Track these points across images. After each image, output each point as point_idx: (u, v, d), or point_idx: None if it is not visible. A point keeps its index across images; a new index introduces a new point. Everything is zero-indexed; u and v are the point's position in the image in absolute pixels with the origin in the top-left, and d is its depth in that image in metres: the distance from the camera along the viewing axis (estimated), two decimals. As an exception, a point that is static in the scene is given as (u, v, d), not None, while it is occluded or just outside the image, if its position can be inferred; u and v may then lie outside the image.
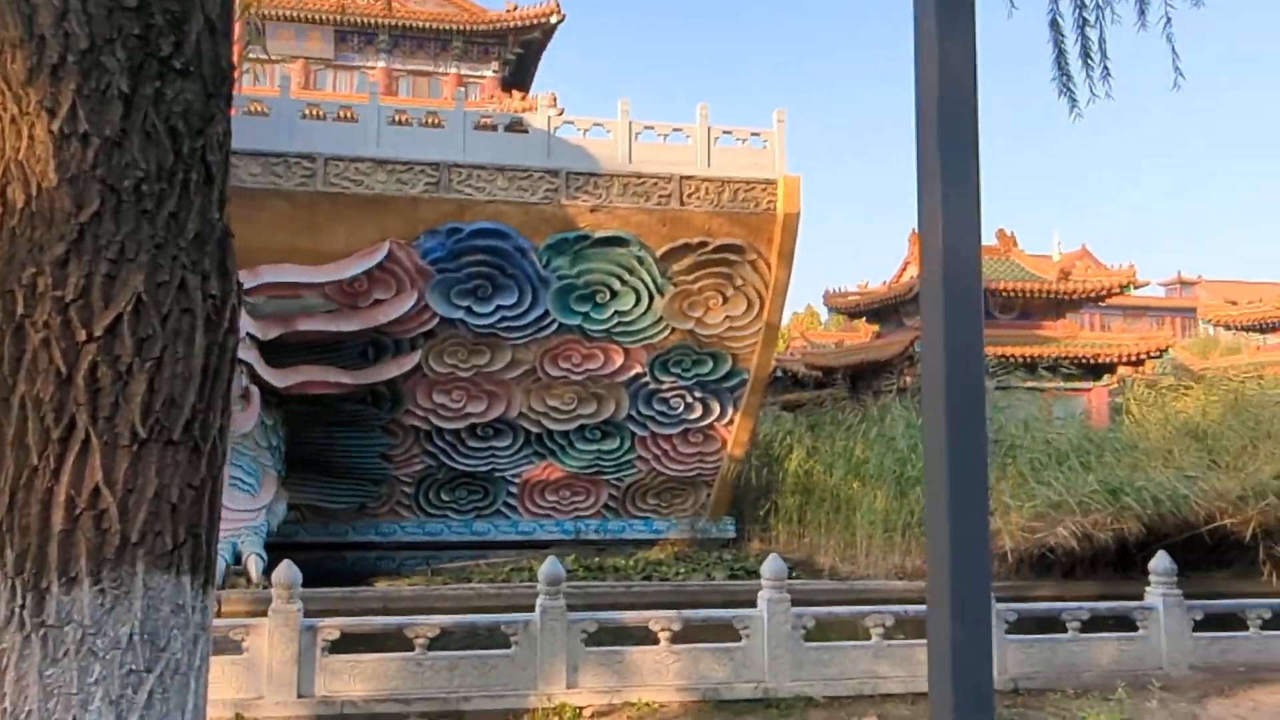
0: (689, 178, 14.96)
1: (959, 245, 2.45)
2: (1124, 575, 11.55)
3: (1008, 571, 12.24)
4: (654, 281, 15.08)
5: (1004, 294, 19.58)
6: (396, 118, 15.11)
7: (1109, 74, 6.03)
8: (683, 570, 14.04)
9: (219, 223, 2.33)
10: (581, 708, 6.70)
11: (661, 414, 16.02)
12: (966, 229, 2.48)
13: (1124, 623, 7.74)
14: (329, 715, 6.57)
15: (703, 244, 15.03)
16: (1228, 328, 29.26)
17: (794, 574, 14.04)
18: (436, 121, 15.16)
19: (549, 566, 7.06)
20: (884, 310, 21.31)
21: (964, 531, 2.32)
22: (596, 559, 14.94)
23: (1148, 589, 7.83)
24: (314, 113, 14.89)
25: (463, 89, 22.38)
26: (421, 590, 12.67)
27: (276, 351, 13.93)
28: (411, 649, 6.79)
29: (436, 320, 14.74)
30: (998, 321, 19.93)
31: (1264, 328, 26.28)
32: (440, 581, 13.64)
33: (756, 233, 15.06)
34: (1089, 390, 19.44)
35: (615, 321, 15.21)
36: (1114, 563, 12.11)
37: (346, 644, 7.02)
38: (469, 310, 14.78)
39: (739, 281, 15.30)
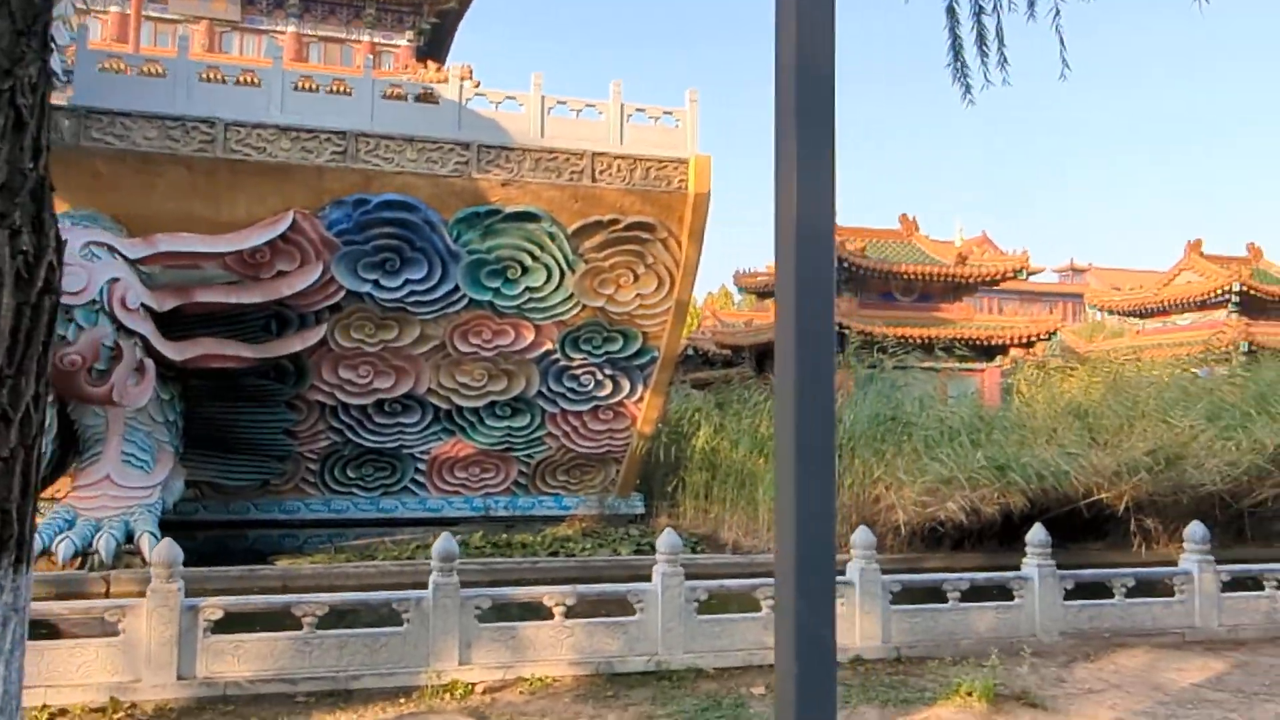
0: (601, 154, 14.83)
1: (814, 223, 2.42)
2: (1009, 547, 11.97)
3: (901, 544, 12.60)
4: (565, 258, 14.93)
5: (905, 277, 20.03)
6: (301, 84, 14.52)
7: (1005, 61, 6.12)
8: (589, 546, 14.03)
9: (33, 173, 2.14)
10: (474, 684, 6.61)
11: (572, 391, 15.92)
12: (822, 207, 2.45)
13: (1002, 592, 8.02)
14: (211, 697, 6.32)
15: (614, 221, 14.93)
16: (1111, 312, 30.64)
17: (698, 549, 14.20)
18: (344, 89, 14.65)
19: (442, 543, 6.92)
20: (792, 291, 21.53)
21: (811, 509, 2.31)
22: (505, 535, 14.82)
23: (1024, 560, 8.13)
24: (214, 75, 14.21)
25: (374, 57, 21.67)
26: (323, 568, 12.36)
27: (174, 324, 13.33)
28: (300, 628, 6.59)
29: (343, 293, 14.31)
30: (898, 303, 20.40)
31: (1143, 313, 27.59)
32: (344, 559, 13.33)
33: (668, 211, 15.04)
34: (982, 370, 20.10)
35: (526, 298, 15.02)
36: (999, 535, 12.56)
37: (241, 624, 6.77)
38: (376, 284, 14.40)
39: (650, 259, 15.27)
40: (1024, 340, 20.06)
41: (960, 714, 6.03)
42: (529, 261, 14.81)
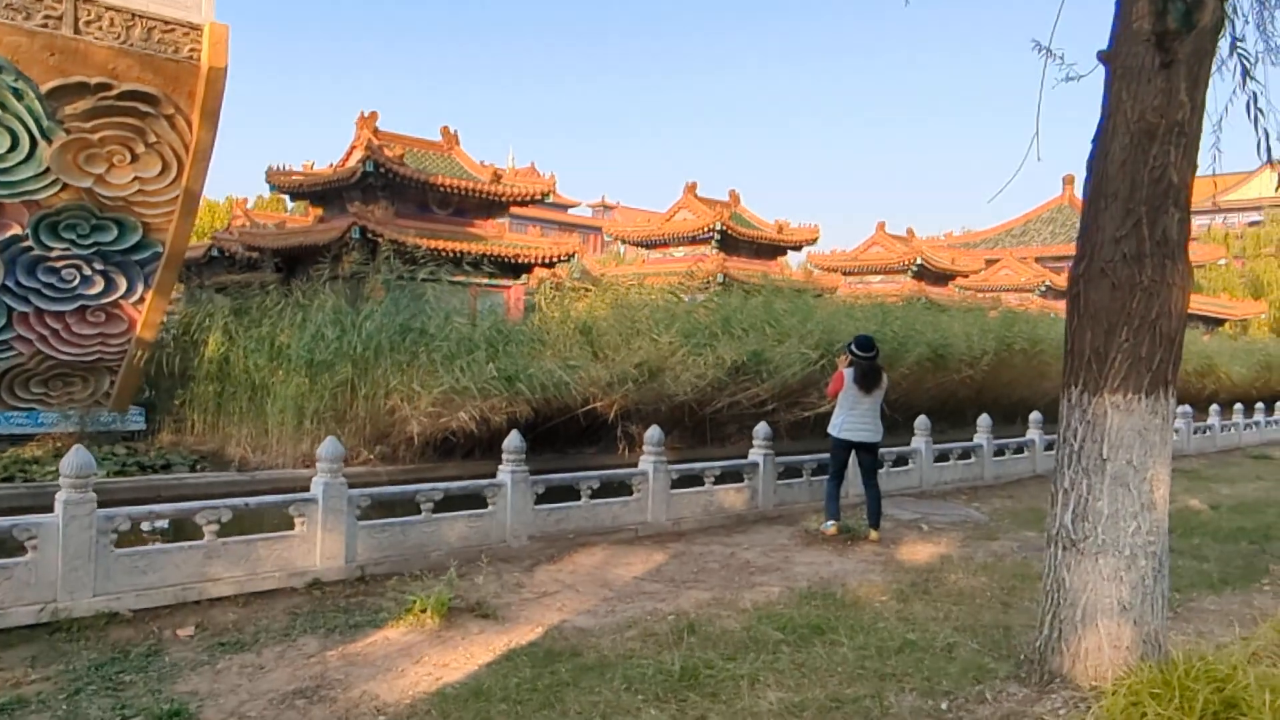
0: (88, 1, 11.52)
1: None
2: (517, 453, 11.85)
3: (414, 455, 11.86)
4: (38, 123, 11.46)
5: (442, 190, 19.06)
6: None
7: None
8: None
9: None
10: None
11: (50, 287, 12.52)
12: None
13: (480, 500, 7.53)
14: None
15: (105, 86, 11.74)
16: (625, 243, 33.08)
17: (199, 466, 12.13)
18: None
19: None
20: (328, 193, 19.39)
21: None
22: (-54, 459, 11.27)
23: (500, 466, 7.70)
24: None
25: None
26: None
27: None
28: None
29: None
30: (435, 216, 19.44)
31: (649, 244, 30.11)
32: None
33: (175, 84, 12.20)
34: (509, 288, 20.09)
35: (-19, 168, 11.33)
36: (507, 443, 12.43)
37: None
38: None
39: (152, 138, 12.35)
40: (547, 260, 20.38)
41: (410, 634, 5.35)
42: (-17, 122, 11.13)
